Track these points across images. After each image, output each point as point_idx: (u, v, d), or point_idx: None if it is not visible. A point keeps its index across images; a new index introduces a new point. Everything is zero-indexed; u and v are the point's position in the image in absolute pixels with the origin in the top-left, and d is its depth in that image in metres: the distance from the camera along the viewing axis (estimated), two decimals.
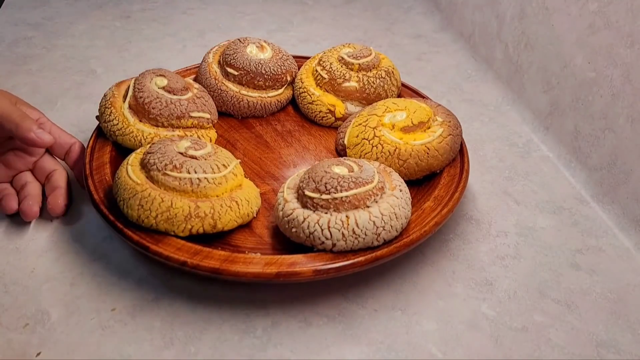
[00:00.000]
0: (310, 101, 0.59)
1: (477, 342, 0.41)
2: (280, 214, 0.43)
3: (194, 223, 0.42)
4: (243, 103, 0.59)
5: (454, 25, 0.87)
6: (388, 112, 0.52)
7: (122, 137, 0.51)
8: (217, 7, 0.94)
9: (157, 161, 0.43)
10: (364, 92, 0.58)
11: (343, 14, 0.93)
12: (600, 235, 0.51)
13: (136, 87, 0.52)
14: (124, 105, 0.52)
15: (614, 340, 0.41)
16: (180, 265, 0.40)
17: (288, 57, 0.62)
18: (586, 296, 0.45)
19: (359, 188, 0.42)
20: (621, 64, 0.52)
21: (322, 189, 0.42)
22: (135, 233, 0.42)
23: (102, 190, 0.46)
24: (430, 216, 0.45)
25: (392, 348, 0.40)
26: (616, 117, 0.53)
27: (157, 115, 0.51)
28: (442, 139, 0.50)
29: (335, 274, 0.41)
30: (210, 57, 0.61)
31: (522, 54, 0.68)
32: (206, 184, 0.43)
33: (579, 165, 0.58)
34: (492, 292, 0.45)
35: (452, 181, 0.49)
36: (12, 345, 0.39)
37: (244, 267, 0.40)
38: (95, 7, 0.91)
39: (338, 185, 0.42)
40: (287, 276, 0.40)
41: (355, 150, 0.52)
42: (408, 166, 0.49)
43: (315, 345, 0.40)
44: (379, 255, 0.41)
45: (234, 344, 0.40)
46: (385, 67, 0.60)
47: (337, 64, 0.60)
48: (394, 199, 0.43)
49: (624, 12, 0.51)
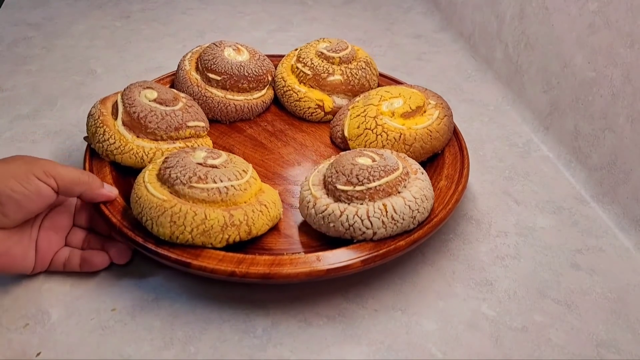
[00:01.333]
0: (297, 99, 0.60)
1: (477, 342, 0.41)
2: (313, 212, 0.44)
3: (230, 232, 0.41)
4: (230, 108, 0.58)
5: (454, 25, 0.87)
6: (384, 101, 0.53)
7: (120, 155, 0.48)
8: (217, 7, 0.94)
9: (180, 174, 0.42)
10: (348, 84, 0.59)
11: (343, 14, 0.93)
12: (600, 235, 0.51)
13: (126, 102, 0.50)
14: (116, 122, 0.50)
15: (614, 340, 0.41)
16: (228, 276, 0.40)
17: (264, 58, 0.62)
18: (586, 296, 0.45)
19: (390, 175, 0.43)
20: (621, 63, 0.52)
21: (354, 181, 0.43)
22: (171, 251, 0.40)
23: (118, 213, 0.44)
24: (448, 194, 0.47)
25: (392, 348, 0.40)
26: (616, 117, 0.53)
27: (155, 129, 0.50)
28: (440, 120, 0.53)
29: (381, 261, 0.42)
30: (187, 65, 0.60)
31: (522, 54, 0.68)
32: (234, 191, 0.42)
33: (579, 165, 0.58)
34: (492, 292, 0.45)
35: (455, 159, 0.52)
36: (12, 345, 0.39)
37: (293, 268, 0.40)
38: (95, 7, 0.91)
39: (370, 176, 0.43)
40: (337, 271, 0.40)
41: (358, 141, 0.52)
42: (414, 150, 0.51)
43: (315, 345, 0.40)
44: (416, 237, 0.43)
45: (234, 344, 0.40)
46: (364, 58, 0.61)
47: (317, 59, 0.60)
48: (420, 182, 0.45)
49: (624, 12, 0.51)
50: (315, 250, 0.42)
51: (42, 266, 0.43)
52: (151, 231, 0.41)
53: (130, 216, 0.43)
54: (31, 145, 0.59)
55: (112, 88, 0.68)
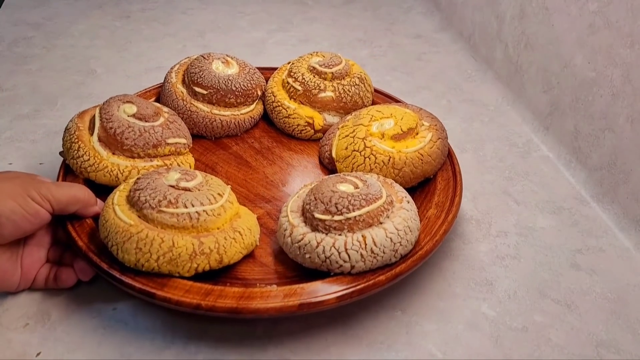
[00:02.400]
0: (286, 115, 0.57)
1: (477, 342, 0.41)
2: (289, 240, 0.41)
3: (199, 261, 0.39)
4: (216, 123, 0.55)
5: (454, 25, 0.87)
6: (374, 121, 0.51)
7: (94, 173, 0.46)
8: (217, 7, 0.94)
9: (149, 198, 0.39)
10: (340, 101, 0.56)
11: (343, 14, 0.93)
12: (600, 235, 0.51)
13: (103, 117, 0.48)
14: (92, 138, 0.47)
15: (614, 340, 0.41)
16: (193, 310, 0.37)
17: (255, 71, 0.59)
18: (586, 296, 0.45)
19: (371, 205, 0.40)
20: (621, 63, 0.52)
21: (333, 210, 0.40)
22: (136, 280, 0.38)
23: (85, 235, 0.42)
24: (436, 224, 0.44)
25: (392, 348, 0.40)
26: (616, 117, 0.53)
27: (132, 146, 0.47)
28: (433, 143, 0.50)
29: (358, 297, 0.39)
30: (174, 77, 0.57)
31: (522, 54, 0.68)
32: (206, 217, 0.40)
33: (579, 165, 0.58)
34: (492, 292, 0.45)
35: (447, 185, 0.49)
36: (12, 345, 0.39)
37: (263, 302, 0.37)
38: (95, 7, 0.91)
39: (350, 205, 0.40)
40: (310, 307, 0.38)
41: (345, 163, 0.50)
42: (404, 175, 0.49)
43: (316, 346, 0.40)
44: (398, 272, 0.40)
45: (234, 344, 0.40)
46: (358, 74, 0.58)
47: (309, 75, 0.57)
48: (404, 212, 0.42)
49: (624, 12, 0.51)
50: (290, 282, 0.40)
51: (25, 283, 0.42)
52: (117, 257, 0.39)
53: (97, 239, 0.41)
54: (31, 145, 0.59)
55: (112, 88, 0.69)
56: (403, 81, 0.67)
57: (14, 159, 0.57)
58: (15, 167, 0.56)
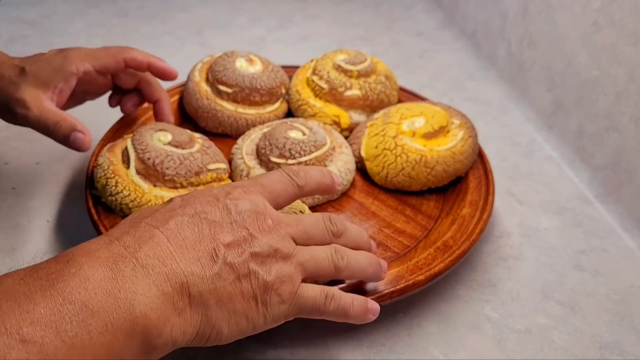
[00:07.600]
0: (312, 114, 0.56)
1: (480, 344, 0.40)
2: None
3: None
4: (241, 122, 0.55)
5: (456, 22, 0.86)
6: (404, 119, 0.50)
7: (137, 208, 0.44)
8: (216, 4, 0.93)
9: None
10: (367, 99, 0.56)
11: (343, 11, 0.92)
12: (604, 235, 0.50)
13: (138, 148, 0.46)
14: (129, 171, 0.45)
15: (618, 342, 0.41)
16: None
17: (279, 69, 0.58)
18: (590, 297, 0.44)
19: (319, 150, 0.48)
20: (625, 62, 0.51)
21: (287, 155, 0.47)
22: None
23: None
24: (472, 223, 0.44)
25: (393, 350, 0.40)
26: (620, 116, 0.52)
27: (174, 176, 0.45)
28: (464, 142, 0.49)
29: (398, 297, 0.39)
30: (197, 76, 0.57)
31: (525, 52, 0.68)
32: None
33: (583, 165, 0.57)
34: (494, 294, 0.44)
35: (480, 184, 0.48)
36: None
37: None
38: (92, 5, 0.90)
39: (301, 150, 0.47)
40: None
41: (376, 162, 0.50)
42: (436, 173, 0.48)
43: (316, 347, 0.40)
44: (437, 272, 0.40)
45: (234, 345, 0.40)
46: (383, 71, 0.58)
47: (334, 73, 0.56)
48: (344, 156, 0.49)
49: (628, 10, 0.51)
50: None
51: None
52: None
53: None
54: (29, 144, 0.58)
55: None
56: (405, 79, 0.66)
57: (11, 159, 0.56)
58: (12, 166, 0.55)
